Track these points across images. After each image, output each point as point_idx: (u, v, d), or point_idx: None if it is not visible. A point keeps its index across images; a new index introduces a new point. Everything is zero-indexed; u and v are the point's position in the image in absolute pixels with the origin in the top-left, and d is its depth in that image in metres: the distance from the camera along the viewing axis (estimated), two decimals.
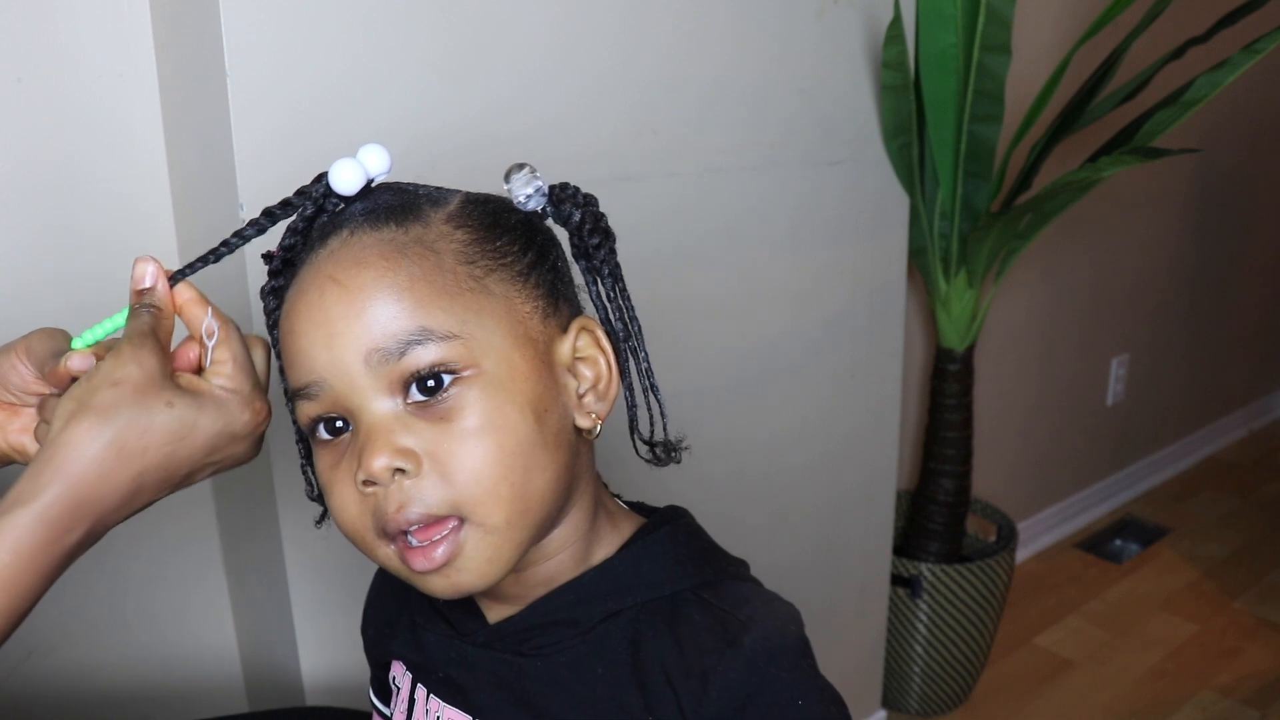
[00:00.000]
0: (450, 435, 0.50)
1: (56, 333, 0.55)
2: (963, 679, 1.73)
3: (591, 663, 0.55)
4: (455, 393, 0.50)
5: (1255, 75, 1.59)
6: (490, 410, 0.50)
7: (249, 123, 0.85)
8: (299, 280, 0.53)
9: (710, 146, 1.17)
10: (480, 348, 0.50)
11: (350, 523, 0.53)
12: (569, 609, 0.56)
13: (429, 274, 0.51)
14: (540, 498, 0.52)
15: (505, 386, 0.51)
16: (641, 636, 0.55)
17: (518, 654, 0.57)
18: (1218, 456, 2.77)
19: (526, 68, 1.00)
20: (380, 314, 0.50)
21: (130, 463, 0.49)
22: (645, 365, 0.58)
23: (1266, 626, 1.98)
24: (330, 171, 0.54)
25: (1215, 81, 1.30)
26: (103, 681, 1.03)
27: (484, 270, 0.52)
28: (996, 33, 1.30)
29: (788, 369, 1.34)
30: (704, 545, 0.60)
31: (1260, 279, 2.78)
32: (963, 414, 1.64)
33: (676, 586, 0.56)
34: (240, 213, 0.86)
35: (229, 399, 0.53)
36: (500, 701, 0.57)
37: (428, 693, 0.61)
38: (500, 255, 0.53)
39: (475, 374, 0.50)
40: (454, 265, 0.51)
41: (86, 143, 0.93)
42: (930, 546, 1.68)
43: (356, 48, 0.89)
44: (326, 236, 0.53)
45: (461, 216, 0.54)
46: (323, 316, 0.51)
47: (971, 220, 1.48)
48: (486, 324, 0.51)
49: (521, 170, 0.56)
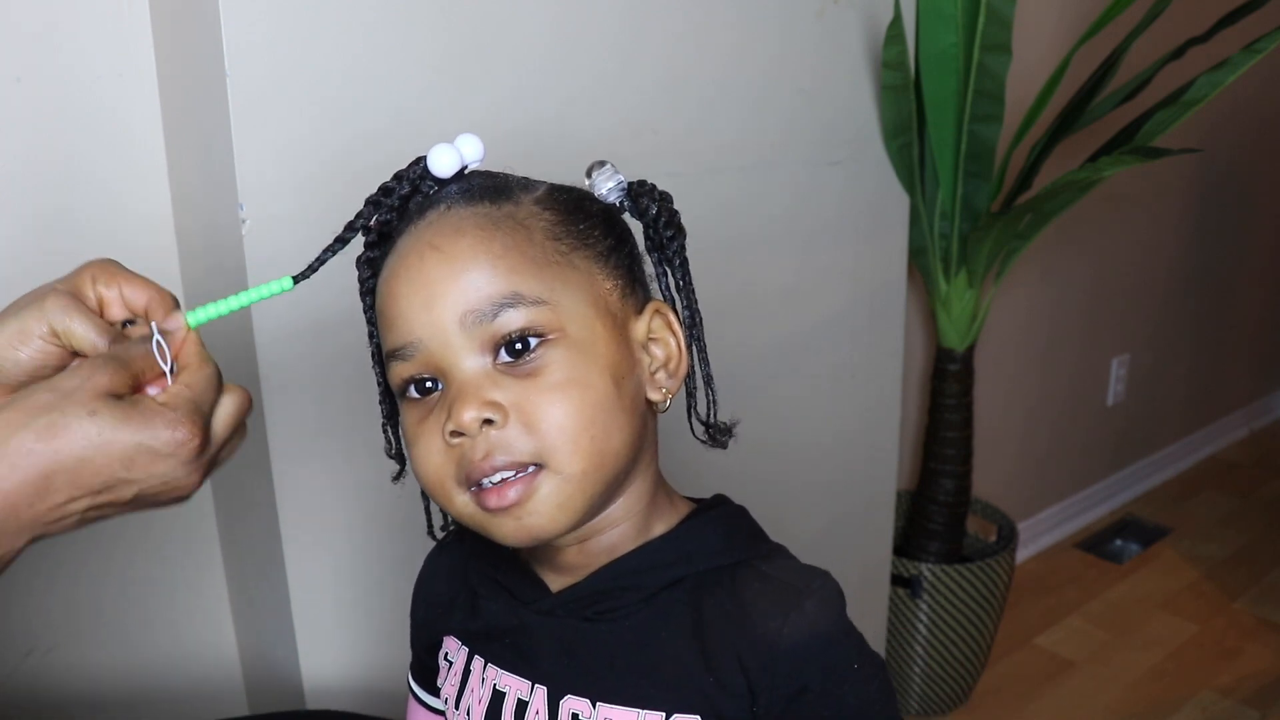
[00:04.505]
0: (536, 389, 0.54)
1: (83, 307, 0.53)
2: (963, 679, 1.73)
3: (655, 627, 0.58)
4: (541, 353, 0.54)
5: (1256, 75, 1.58)
6: (573, 370, 0.54)
7: (249, 123, 0.85)
8: (398, 249, 0.57)
9: (710, 146, 1.17)
10: (566, 314, 0.55)
11: (434, 471, 0.56)
12: (632, 576, 0.59)
13: (520, 245, 0.55)
14: (615, 454, 0.56)
15: (587, 350, 0.55)
16: (703, 603, 0.58)
17: (582, 619, 0.59)
18: (1218, 456, 2.77)
19: (526, 68, 1.00)
20: (476, 278, 0.54)
21: (39, 459, 0.48)
22: (703, 354, 0.62)
23: (1267, 627, 1.98)
24: (429, 155, 0.58)
25: (1215, 81, 1.30)
26: (102, 683, 1.03)
27: (569, 247, 0.57)
28: (997, 33, 1.30)
29: (788, 369, 1.34)
30: (755, 527, 0.64)
31: (1261, 279, 2.78)
32: (963, 414, 1.64)
33: (735, 558, 0.59)
34: (239, 213, 0.86)
35: (156, 413, 0.50)
36: (563, 667, 0.60)
37: (485, 663, 0.63)
38: (583, 237, 0.58)
39: (560, 337, 0.54)
40: (543, 240, 0.56)
41: (86, 143, 0.92)
42: (930, 546, 1.68)
43: (356, 48, 0.89)
44: (425, 210, 0.57)
45: (549, 200, 0.58)
46: (423, 280, 0.54)
47: (972, 220, 1.47)
48: (572, 293, 0.55)
49: (604, 166, 0.61)
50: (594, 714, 0.58)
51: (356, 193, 0.90)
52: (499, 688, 0.62)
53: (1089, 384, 2.33)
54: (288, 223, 0.88)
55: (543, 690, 0.60)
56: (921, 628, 1.68)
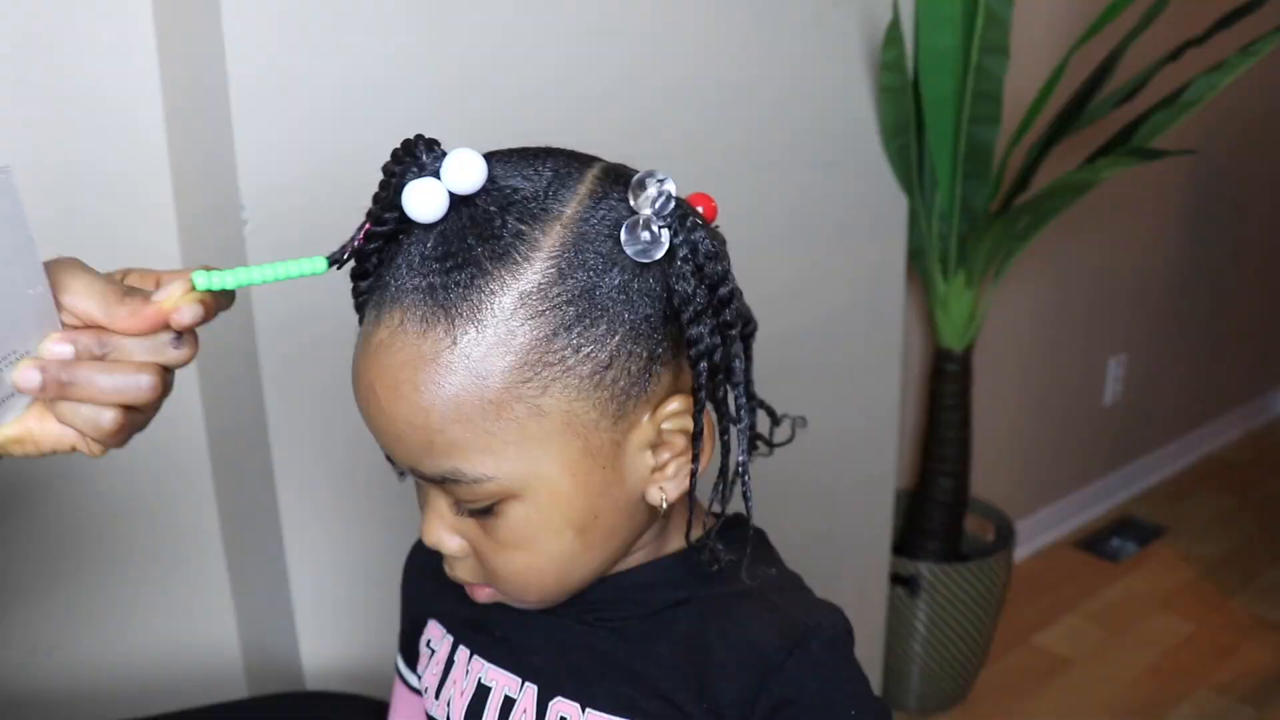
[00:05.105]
0: (489, 538, 0.52)
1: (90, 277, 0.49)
2: (961, 677, 1.74)
3: (654, 641, 0.56)
4: (495, 506, 0.50)
5: (1252, 77, 1.59)
6: (526, 532, 0.50)
7: (251, 123, 0.85)
8: (360, 339, 0.50)
9: (710, 147, 1.18)
10: (519, 480, 0.48)
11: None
12: (640, 590, 0.57)
13: (467, 409, 0.46)
14: (582, 580, 0.54)
15: (545, 510, 0.50)
16: (707, 627, 0.55)
17: (582, 622, 0.57)
18: (1215, 456, 2.78)
19: (527, 71, 1.01)
20: (414, 445, 0.48)
21: None
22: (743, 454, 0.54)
23: (1263, 625, 1.98)
24: (404, 196, 0.47)
25: (1212, 83, 1.30)
26: (104, 674, 1.04)
27: (542, 386, 0.47)
28: (995, 34, 1.31)
29: (787, 369, 1.35)
30: (771, 552, 0.61)
31: (1257, 279, 2.79)
32: (961, 414, 1.65)
33: (746, 585, 0.56)
34: (242, 213, 0.86)
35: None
36: (555, 665, 0.58)
37: (470, 654, 0.61)
38: (576, 348, 0.47)
39: (514, 499, 0.49)
40: (501, 391, 0.46)
41: (89, 143, 0.93)
42: (929, 545, 1.69)
43: (359, 48, 0.90)
44: (380, 308, 0.48)
45: (546, 290, 0.46)
46: (371, 411, 0.49)
47: (970, 221, 1.48)
48: (532, 454, 0.48)
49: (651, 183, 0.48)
50: (582, 718, 0.56)
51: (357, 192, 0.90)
52: (484, 681, 0.60)
53: (1086, 384, 2.33)
54: (289, 222, 0.88)
55: (533, 689, 0.58)
56: (920, 626, 1.68)
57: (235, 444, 1.01)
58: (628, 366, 0.48)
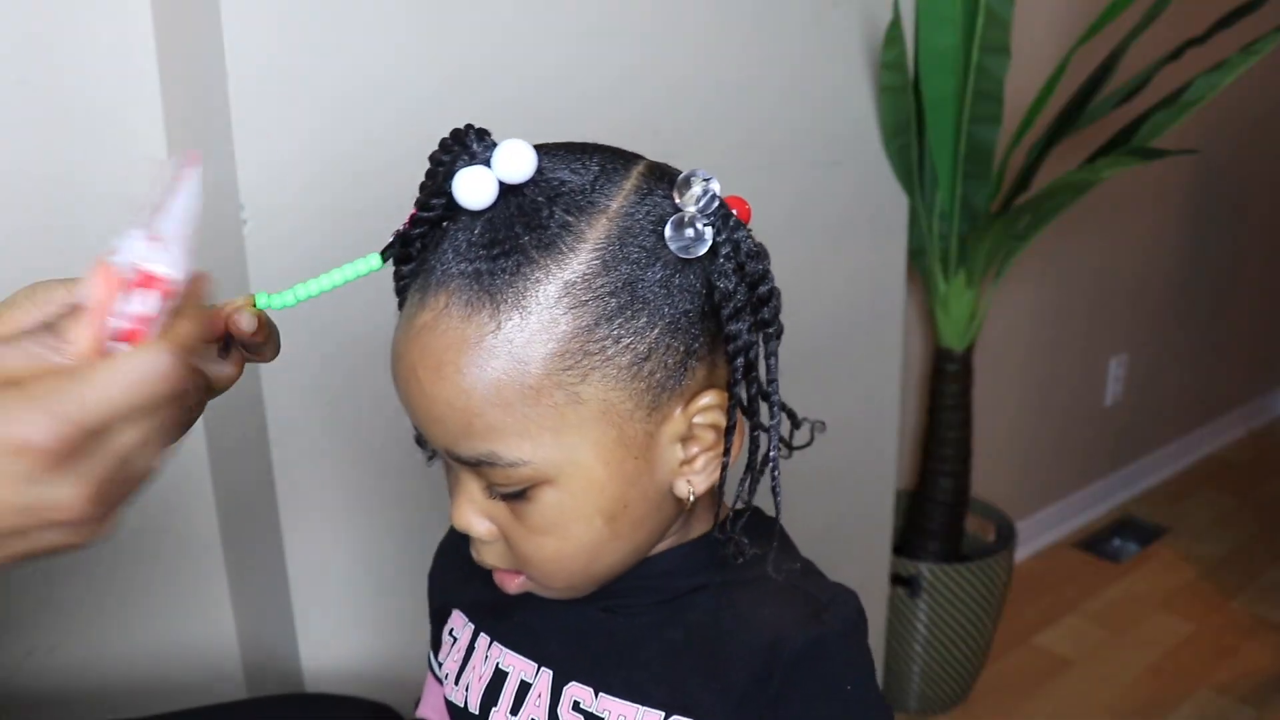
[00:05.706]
0: (520, 523, 0.52)
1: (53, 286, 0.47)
2: (962, 678, 1.74)
3: (670, 628, 0.57)
4: (528, 491, 0.51)
5: (1253, 77, 1.59)
6: (560, 514, 0.51)
7: (250, 122, 0.85)
8: (409, 304, 0.50)
9: (710, 147, 1.17)
10: (554, 466, 0.49)
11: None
12: (659, 577, 0.58)
13: (507, 393, 0.47)
14: (609, 570, 0.55)
15: (578, 497, 0.50)
16: (723, 611, 0.56)
17: (603, 609, 0.58)
18: (1216, 456, 2.78)
19: (527, 71, 1.01)
20: (452, 428, 0.49)
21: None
22: (774, 450, 0.54)
23: (1264, 625, 1.98)
24: (454, 183, 0.48)
25: (1213, 83, 1.30)
26: (104, 674, 1.04)
27: (582, 374, 0.48)
28: (995, 34, 1.30)
29: (787, 368, 1.34)
30: (791, 546, 0.62)
31: (1258, 279, 2.79)
32: (962, 414, 1.65)
33: (763, 570, 0.56)
34: (242, 213, 0.86)
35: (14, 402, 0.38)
36: (572, 652, 0.59)
37: (490, 641, 0.63)
38: (617, 339, 0.48)
39: (547, 484, 0.50)
40: (541, 377, 0.47)
41: (88, 143, 0.93)
42: (929, 546, 1.69)
43: (359, 48, 0.90)
44: (425, 291, 0.49)
45: (590, 280, 0.47)
46: (410, 394, 0.50)
47: (970, 221, 1.48)
48: (568, 440, 0.49)
49: (695, 184, 0.49)
50: (595, 703, 0.57)
51: (357, 192, 0.91)
52: (502, 666, 0.61)
53: (1087, 384, 2.33)
54: (289, 222, 0.88)
55: (548, 674, 0.59)
56: (920, 626, 1.68)
57: (235, 444, 1.01)
58: (665, 359, 0.49)
